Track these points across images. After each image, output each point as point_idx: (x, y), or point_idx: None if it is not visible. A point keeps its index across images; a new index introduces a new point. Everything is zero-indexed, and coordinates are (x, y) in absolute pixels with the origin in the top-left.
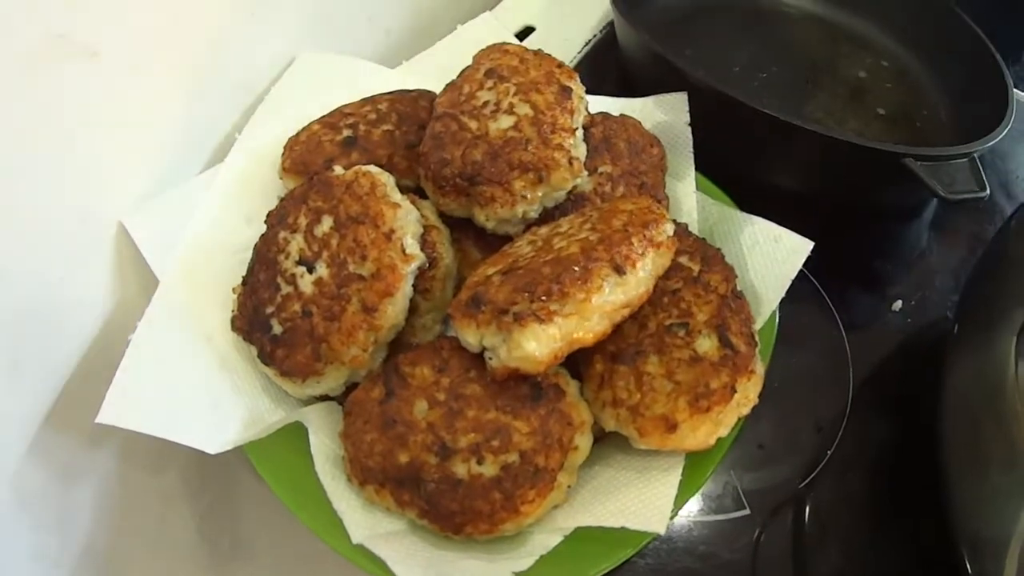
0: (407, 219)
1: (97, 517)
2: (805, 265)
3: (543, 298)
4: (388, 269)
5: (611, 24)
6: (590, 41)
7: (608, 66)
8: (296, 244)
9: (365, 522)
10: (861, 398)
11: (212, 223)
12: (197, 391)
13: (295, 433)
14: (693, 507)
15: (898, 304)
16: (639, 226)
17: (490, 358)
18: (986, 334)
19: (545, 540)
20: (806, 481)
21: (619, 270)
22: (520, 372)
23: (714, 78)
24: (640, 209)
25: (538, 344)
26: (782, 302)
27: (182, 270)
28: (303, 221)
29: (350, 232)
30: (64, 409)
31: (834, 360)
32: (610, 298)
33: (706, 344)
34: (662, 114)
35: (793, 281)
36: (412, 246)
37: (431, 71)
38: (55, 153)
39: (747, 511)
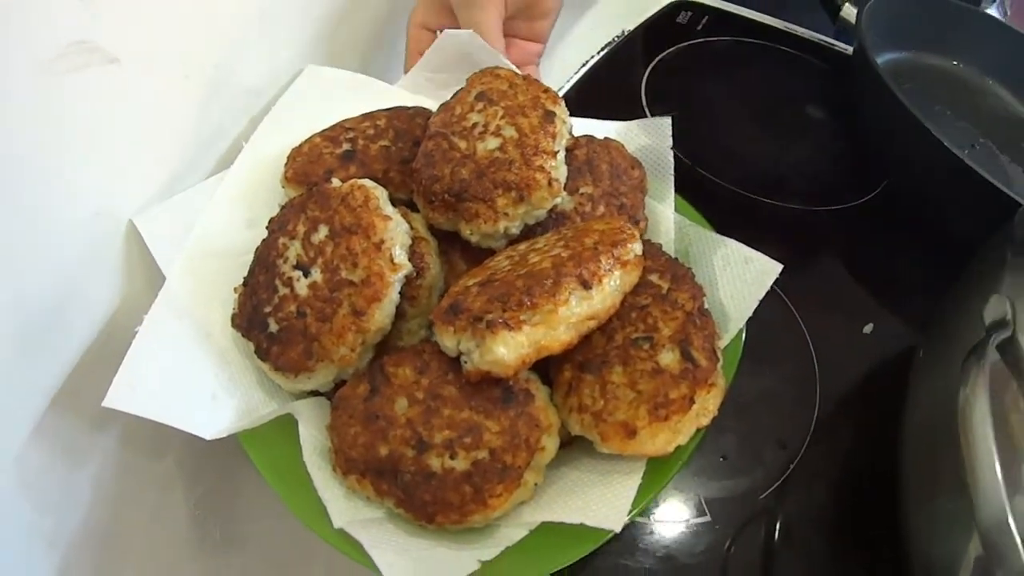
0: (397, 231)
1: (96, 499)
2: (780, 286)
3: (514, 308)
4: (377, 277)
5: (607, 48)
6: (587, 63)
7: (601, 89)
8: (294, 250)
9: (346, 509)
10: (826, 417)
11: (217, 225)
12: (197, 382)
13: (286, 425)
14: (656, 511)
15: (869, 327)
16: (608, 245)
17: (465, 361)
18: (942, 360)
19: (511, 533)
20: (766, 493)
21: (586, 285)
22: (492, 375)
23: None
24: (611, 229)
25: (507, 350)
26: (755, 321)
27: (187, 268)
28: (301, 229)
29: (343, 241)
30: (69, 394)
31: (802, 379)
32: (576, 311)
33: (668, 357)
34: (646, 137)
35: (767, 301)
36: (400, 256)
37: (426, 86)
38: (74, 152)
39: (707, 518)
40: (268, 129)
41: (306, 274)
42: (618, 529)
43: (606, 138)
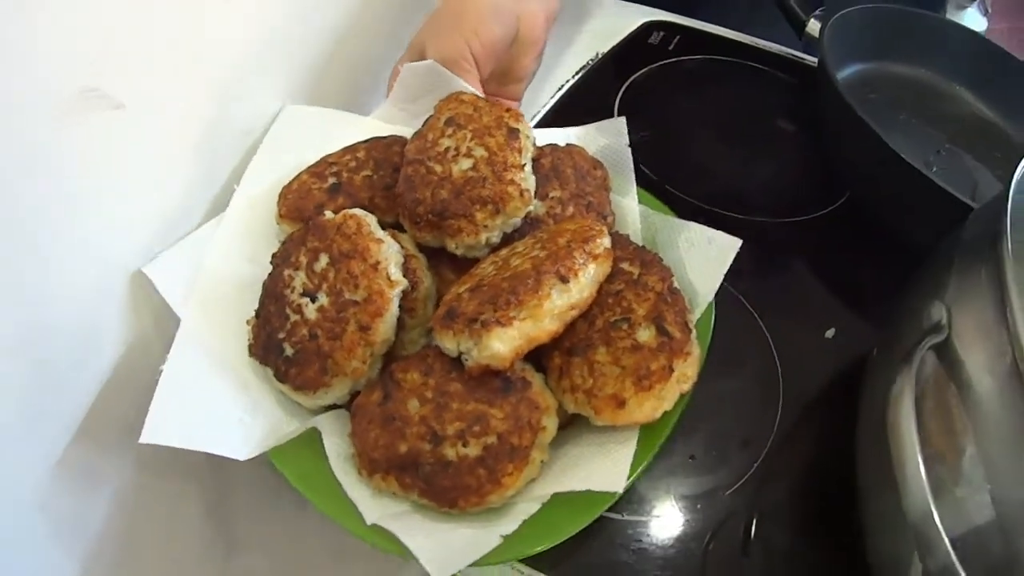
0: (390, 251)
1: (112, 513)
2: (744, 295)
3: (503, 307)
4: (377, 294)
5: (581, 71)
6: (562, 87)
7: (576, 112)
8: (299, 279)
9: (375, 506)
10: (789, 418)
11: (221, 265)
12: (224, 410)
13: (309, 440)
14: (630, 508)
15: (831, 332)
16: (580, 242)
17: (466, 359)
18: (888, 363)
19: (527, 508)
20: (732, 490)
21: (564, 279)
22: (491, 368)
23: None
24: (581, 228)
25: (502, 344)
26: (720, 329)
27: (199, 308)
28: (303, 260)
29: (343, 266)
30: (89, 425)
31: (766, 384)
32: (558, 303)
33: (645, 334)
34: (604, 138)
35: (732, 309)
36: (396, 273)
37: (399, 115)
38: (84, 191)
39: (678, 513)
40: (256, 170)
41: (313, 300)
42: (621, 490)
43: (568, 144)
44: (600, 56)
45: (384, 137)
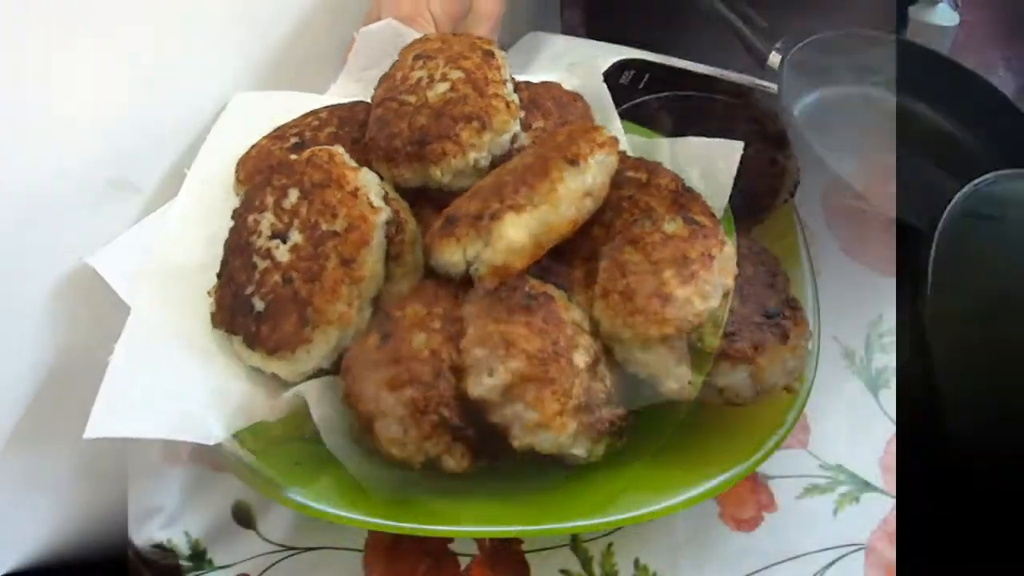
0: (368, 178)
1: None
2: None
3: (512, 195)
4: (360, 219)
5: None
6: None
7: None
8: (267, 221)
9: (389, 481)
10: None
11: (176, 248)
12: (183, 394)
13: (293, 419)
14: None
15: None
16: (580, 132)
17: (476, 269)
18: None
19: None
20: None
21: (573, 163)
22: (509, 270)
23: None
24: (576, 124)
25: (517, 230)
26: None
27: (153, 293)
28: (270, 199)
29: (318, 196)
30: (26, 430)
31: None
32: (572, 186)
33: (673, 226)
34: (578, 80)
35: None
36: (378, 200)
37: (356, 88)
38: None
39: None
40: (208, 153)
41: (284, 240)
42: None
43: (542, 80)
44: None
45: (346, 102)
